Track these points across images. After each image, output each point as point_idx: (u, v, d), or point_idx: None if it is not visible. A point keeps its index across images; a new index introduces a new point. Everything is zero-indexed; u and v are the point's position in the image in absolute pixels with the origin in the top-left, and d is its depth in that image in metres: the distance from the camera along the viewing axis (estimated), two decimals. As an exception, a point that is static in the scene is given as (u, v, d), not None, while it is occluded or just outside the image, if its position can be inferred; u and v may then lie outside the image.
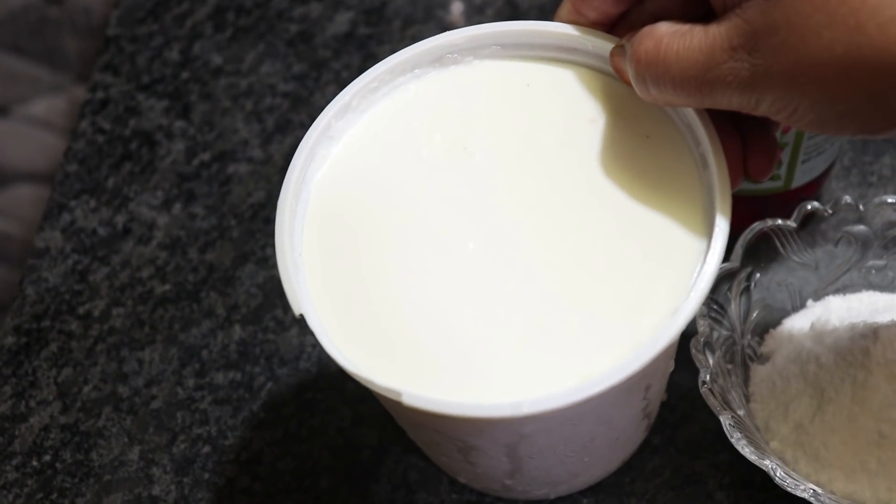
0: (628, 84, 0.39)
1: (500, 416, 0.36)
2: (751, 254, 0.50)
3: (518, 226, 0.41)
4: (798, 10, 0.32)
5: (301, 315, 0.38)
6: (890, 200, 0.50)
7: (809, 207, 0.50)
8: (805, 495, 0.43)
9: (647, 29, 0.37)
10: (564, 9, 0.43)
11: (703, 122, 0.39)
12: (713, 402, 0.45)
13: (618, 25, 0.42)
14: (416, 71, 0.45)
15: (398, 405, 0.36)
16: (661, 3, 0.40)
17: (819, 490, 0.43)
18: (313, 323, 0.38)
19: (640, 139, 0.42)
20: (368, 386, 0.37)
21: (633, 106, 0.42)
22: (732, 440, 0.44)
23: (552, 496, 0.49)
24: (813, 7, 0.32)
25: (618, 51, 0.41)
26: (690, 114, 0.40)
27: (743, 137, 0.40)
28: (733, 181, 0.39)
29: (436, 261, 0.40)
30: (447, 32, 0.44)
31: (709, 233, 0.38)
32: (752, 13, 0.33)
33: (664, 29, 0.37)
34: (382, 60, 0.44)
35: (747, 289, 0.50)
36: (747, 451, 0.44)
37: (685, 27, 0.36)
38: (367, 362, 0.38)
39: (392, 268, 0.40)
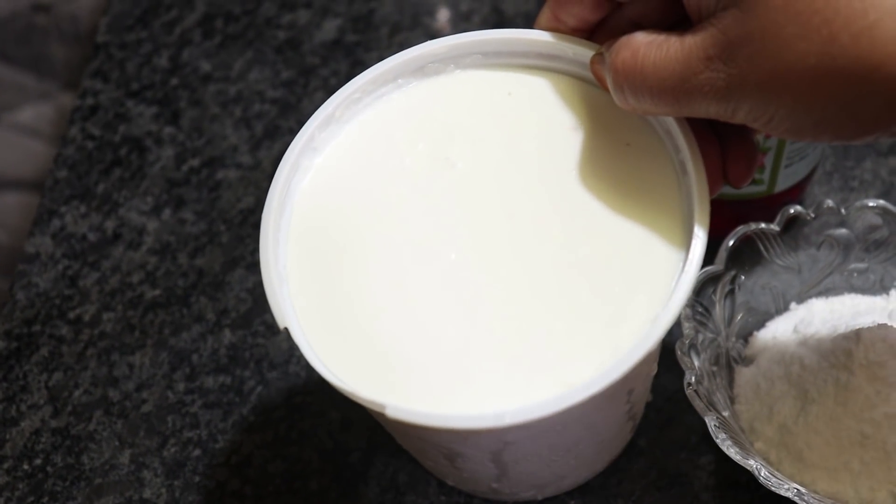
0: (608, 91, 0.40)
1: (483, 428, 0.36)
2: (735, 257, 0.51)
3: (500, 235, 0.41)
4: (773, 20, 0.32)
5: (285, 328, 0.38)
6: (871, 204, 0.51)
7: (792, 211, 0.51)
8: (789, 494, 0.43)
9: (624, 39, 0.38)
10: (544, 16, 0.43)
11: (682, 129, 0.40)
12: (699, 404, 0.46)
13: (597, 32, 0.43)
14: (399, 81, 0.45)
15: (383, 416, 0.37)
16: (640, 9, 0.40)
17: (803, 489, 0.44)
18: (297, 337, 0.39)
19: (620, 147, 0.42)
20: (353, 398, 0.37)
21: (613, 114, 0.42)
22: (718, 441, 0.44)
23: (539, 497, 0.50)
24: (787, 17, 0.32)
25: (598, 58, 0.41)
26: (670, 121, 0.40)
27: (722, 144, 0.41)
28: (712, 188, 0.39)
29: (418, 272, 0.41)
30: (429, 42, 0.44)
31: (688, 240, 0.39)
32: (727, 23, 0.34)
33: (640, 39, 0.37)
34: (365, 71, 0.44)
35: (732, 292, 0.51)
36: (732, 452, 0.44)
37: (661, 37, 0.37)
38: (352, 373, 0.38)
39: (375, 279, 0.41)
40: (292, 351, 0.56)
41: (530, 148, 0.43)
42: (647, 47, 0.37)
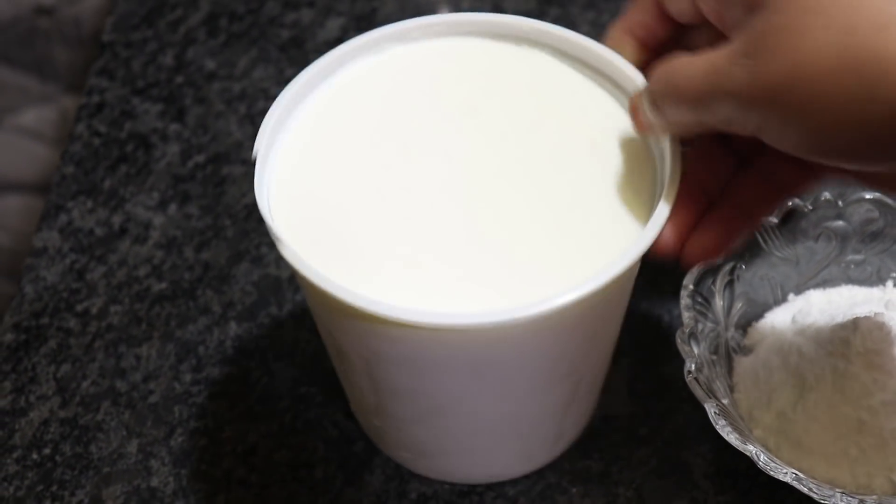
0: (640, 130, 0.43)
1: (442, 325, 0.38)
2: (734, 248, 0.51)
3: (486, 172, 0.44)
4: (796, 15, 0.35)
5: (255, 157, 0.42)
6: (868, 197, 0.52)
7: (790, 204, 0.52)
8: (788, 479, 0.44)
9: (667, 57, 0.41)
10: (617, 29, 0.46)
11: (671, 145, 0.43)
12: (699, 392, 0.46)
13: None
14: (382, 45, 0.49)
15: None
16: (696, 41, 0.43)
17: (801, 474, 0.44)
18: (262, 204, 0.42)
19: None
20: (296, 269, 0.40)
21: (591, 95, 0.46)
22: (717, 427, 0.45)
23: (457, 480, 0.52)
24: (808, 10, 0.34)
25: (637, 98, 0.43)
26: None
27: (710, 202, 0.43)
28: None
29: (403, 202, 0.43)
30: (425, 17, 0.50)
31: (662, 166, 0.42)
32: (754, 22, 0.36)
33: (678, 54, 0.40)
34: (348, 40, 0.49)
35: (731, 283, 0.52)
36: (732, 438, 0.45)
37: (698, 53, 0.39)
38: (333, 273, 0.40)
39: (357, 199, 0.43)
40: (297, 343, 0.57)
41: (513, 97, 0.46)
42: (681, 57, 0.39)
